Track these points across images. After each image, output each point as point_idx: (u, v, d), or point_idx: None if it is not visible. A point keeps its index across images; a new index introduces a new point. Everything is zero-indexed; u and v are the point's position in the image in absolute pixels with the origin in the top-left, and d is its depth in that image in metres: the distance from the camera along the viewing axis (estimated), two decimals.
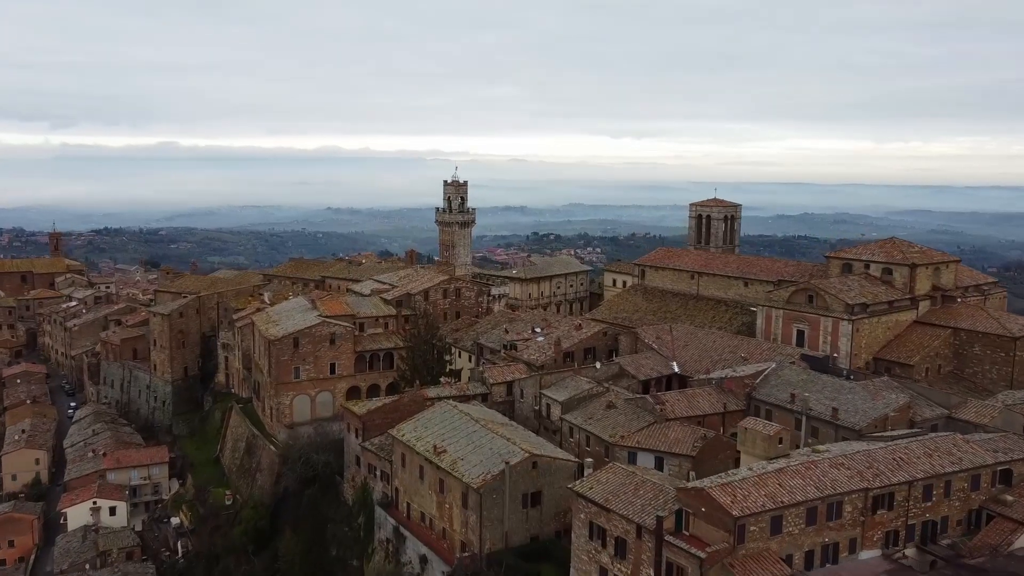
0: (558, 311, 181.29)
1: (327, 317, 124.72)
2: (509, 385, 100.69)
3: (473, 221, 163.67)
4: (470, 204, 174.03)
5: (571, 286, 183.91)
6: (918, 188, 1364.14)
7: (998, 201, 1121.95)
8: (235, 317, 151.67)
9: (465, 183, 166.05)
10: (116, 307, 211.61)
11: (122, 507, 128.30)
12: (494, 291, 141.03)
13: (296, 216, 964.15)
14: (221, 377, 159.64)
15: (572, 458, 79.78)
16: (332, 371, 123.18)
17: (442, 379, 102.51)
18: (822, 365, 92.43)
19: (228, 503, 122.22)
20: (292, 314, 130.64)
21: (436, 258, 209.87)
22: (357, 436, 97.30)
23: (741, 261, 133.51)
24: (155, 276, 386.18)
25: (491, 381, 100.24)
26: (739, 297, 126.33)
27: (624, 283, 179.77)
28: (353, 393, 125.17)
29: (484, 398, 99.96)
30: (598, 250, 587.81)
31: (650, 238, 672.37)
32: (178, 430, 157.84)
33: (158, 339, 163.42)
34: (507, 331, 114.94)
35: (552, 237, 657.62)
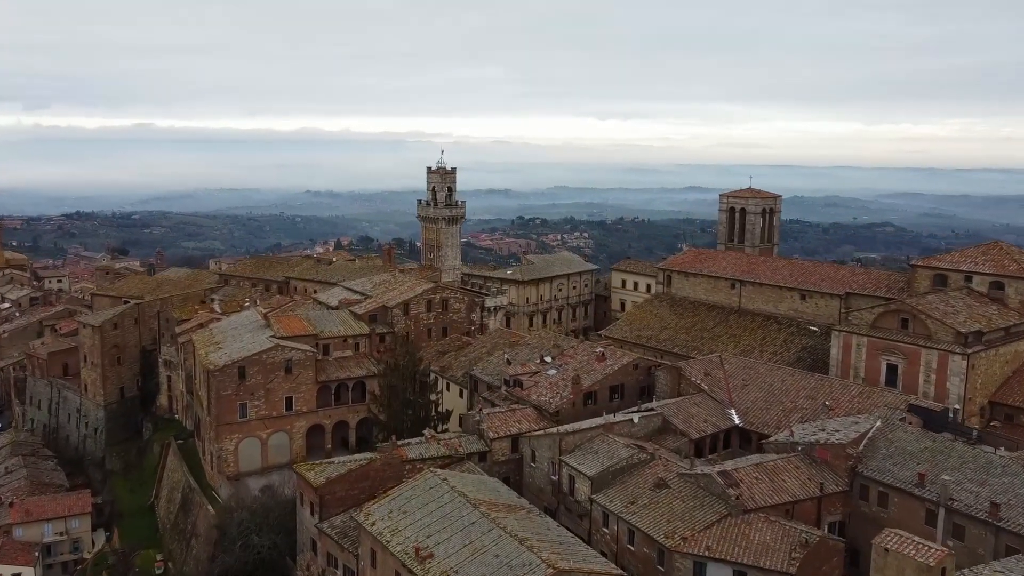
0: (559, 317, 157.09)
1: (282, 338, 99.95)
2: (515, 439, 76.54)
3: (463, 216, 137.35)
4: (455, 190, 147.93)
5: (574, 288, 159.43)
6: (908, 170, 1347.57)
7: (989, 184, 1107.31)
8: (178, 330, 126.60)
9: (453, 170, 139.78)
10: (55, 310, 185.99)
11: (29, 574, 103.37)
12: (489, 303, 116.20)
13: (274, 199, 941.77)
14: (163, 400, 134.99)
15: (614, 570, 55.57)
16: (288, 407, 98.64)
17: (426, 432, 77.86)
18: (940, 421, 68.35)
19: (159, 572, 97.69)
20: (240, 333, 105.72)
21: (417, 244, 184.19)
22: (313, 512, 72.73)
23: (794, 267, 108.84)
24: (131, 262, 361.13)
25: (491, 435, 75.84)
26: (794, 313, 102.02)
27: (635, 284, 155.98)
28: (315, 433, 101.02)
29: (482, 457, 75.68)
30: (585, 235, 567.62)
31: (638, 222, 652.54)
32: (111, 464, 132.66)
33: (89, 355, 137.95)
34: (509, 361, 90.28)
35: (538, 221, 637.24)
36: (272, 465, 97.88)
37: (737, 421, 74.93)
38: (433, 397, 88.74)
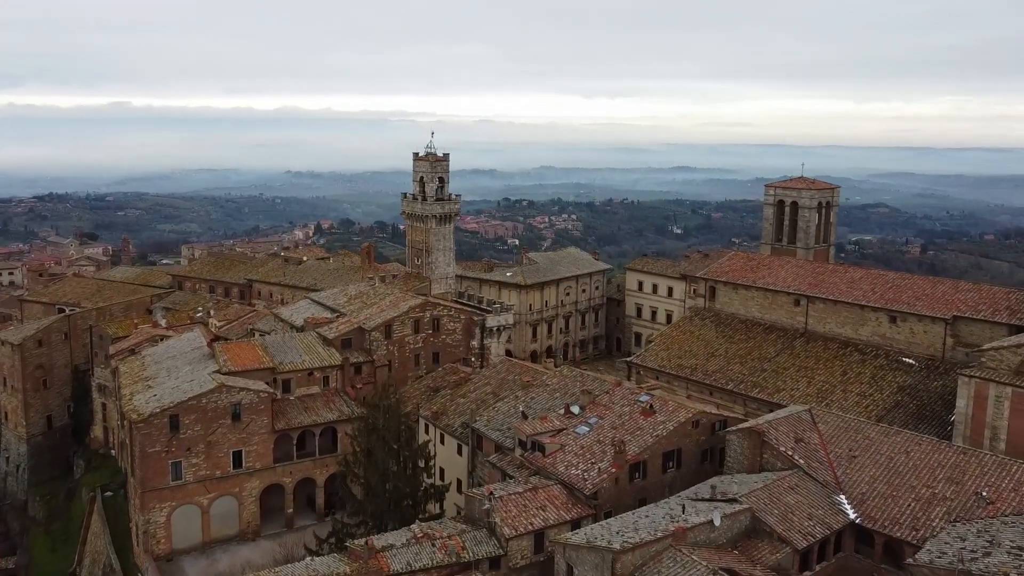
0: (567, 325, 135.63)
1: (229, 374, 78.03)
2: (538, 536, 55.15)
3: (457, 212, 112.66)
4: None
5: (583, 291, 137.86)
6: (900, 150, 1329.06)
7: (982, 163, 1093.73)
8: (112, 351, 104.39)
9: (445, 157, 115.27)
10: None
11: None
12: (491, 321, 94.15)
13: (254, 180, 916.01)
14: (98, 431, 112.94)
15: None
16: (237, 463, 76.80)
17: (415, 527, 56.21)
18: None
19: None
20: (178, 364, 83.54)
21: (401, 227, 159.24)
22: None
23: (878, 279, 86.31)
24: (93, 250, 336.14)
25: (507, 532, 54.27)
26: (880, 340, 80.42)
27: (654, 287, 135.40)
28: (273, 493, 79.51)
29: (494, 563, 54.24)
30: (573, 217, 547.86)
31: (627, 204, 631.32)
32: (34, 510, 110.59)
33: (8, 377, 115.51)
34: (525, 414, 68.36)
35: (525, 203, 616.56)
36: (216, 539, 76.37)
37: (852, 515, 53.49)
38: (424, 464, 66.68)
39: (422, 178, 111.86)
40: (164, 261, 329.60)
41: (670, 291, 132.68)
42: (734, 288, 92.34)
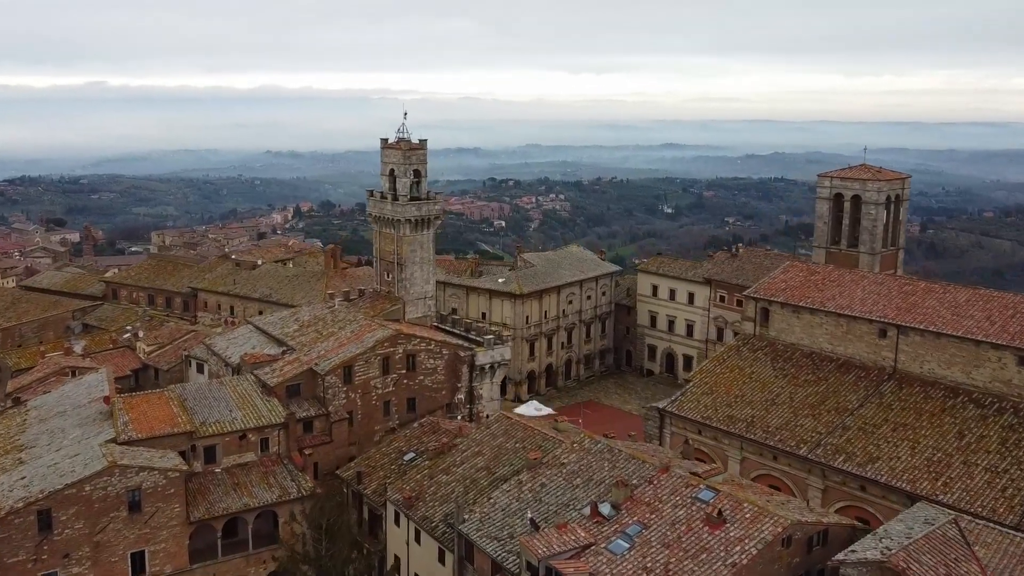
0: (570, 339, 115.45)
1: (129, 444, 57.45)
2: None
3: (438, 215, 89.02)
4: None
5: (588, 297, 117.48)
6: (891, 125, 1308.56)
7: (975, 139, 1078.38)
8: (9, 388, 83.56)
9: (422, 144, 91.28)
10: None
11: None
12: (481, 358, 73.26)
13: (233, 161, 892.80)
14: None
15: None
16: (138, 568, 56.35)
17: None
18: None
19: None
20: (65, 427, 62.67)
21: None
22: None
23: (992, 303, 62.90)
24: (56, 238, 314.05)
25: None
26: (1003, 387, 59.77)
27: (671, 293, 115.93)
28: None
29: None
30: (561, 196, 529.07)
31: (616, 182, 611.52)
32: None
33: None
34: (534, 520, 47.73)
35: (511, 183, 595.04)
36: None
37: None
38: None
39: (392, 171, 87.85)
40: (133, 249, 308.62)
41: (691, 297, 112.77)
42: (795, 311, 71.63)
